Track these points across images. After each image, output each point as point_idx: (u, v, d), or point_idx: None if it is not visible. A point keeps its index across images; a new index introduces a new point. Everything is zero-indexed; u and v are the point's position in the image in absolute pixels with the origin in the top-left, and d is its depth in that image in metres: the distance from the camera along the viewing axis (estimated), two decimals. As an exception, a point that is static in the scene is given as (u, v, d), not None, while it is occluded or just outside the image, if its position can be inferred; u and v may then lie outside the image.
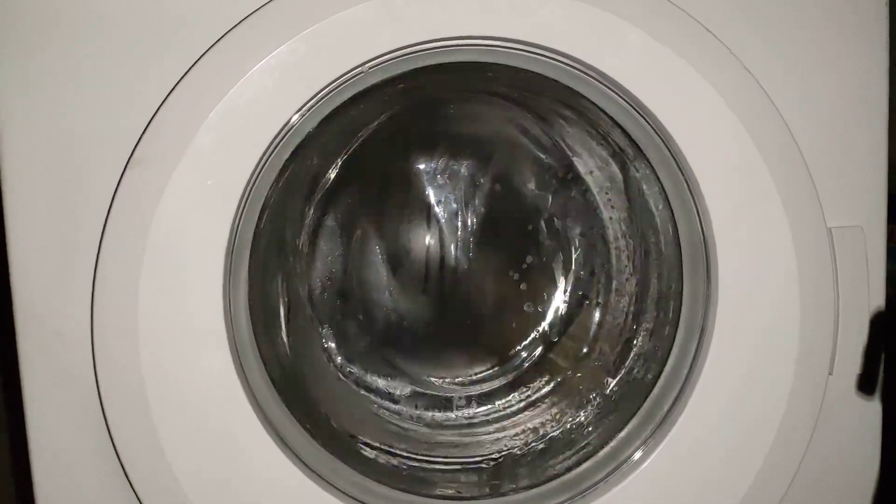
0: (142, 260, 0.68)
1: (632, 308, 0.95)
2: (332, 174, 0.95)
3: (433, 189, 1.01)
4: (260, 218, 0.78)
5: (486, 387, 1.04)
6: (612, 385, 0.94)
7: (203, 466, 0.71)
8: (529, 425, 0.97)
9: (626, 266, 0.98)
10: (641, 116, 0.75)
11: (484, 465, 0.92)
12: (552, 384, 1.01)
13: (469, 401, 1.03)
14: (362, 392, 1.00)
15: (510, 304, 1.05)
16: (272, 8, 0.69)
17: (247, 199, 0.71)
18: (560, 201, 1.01)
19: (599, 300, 1.01)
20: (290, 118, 0.70)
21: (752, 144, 0.73)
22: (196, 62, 0.68)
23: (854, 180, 0.78)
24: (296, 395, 0.85)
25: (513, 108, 0.96)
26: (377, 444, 0.91)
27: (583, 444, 0.88)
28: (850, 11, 0.77)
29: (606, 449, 0.85)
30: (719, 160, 0.74)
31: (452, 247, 1.03)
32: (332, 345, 1.00)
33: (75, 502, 0.75)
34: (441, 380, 1.05)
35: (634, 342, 0.93)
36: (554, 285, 1.04)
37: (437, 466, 0.91)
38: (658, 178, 0.81)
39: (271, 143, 0.69)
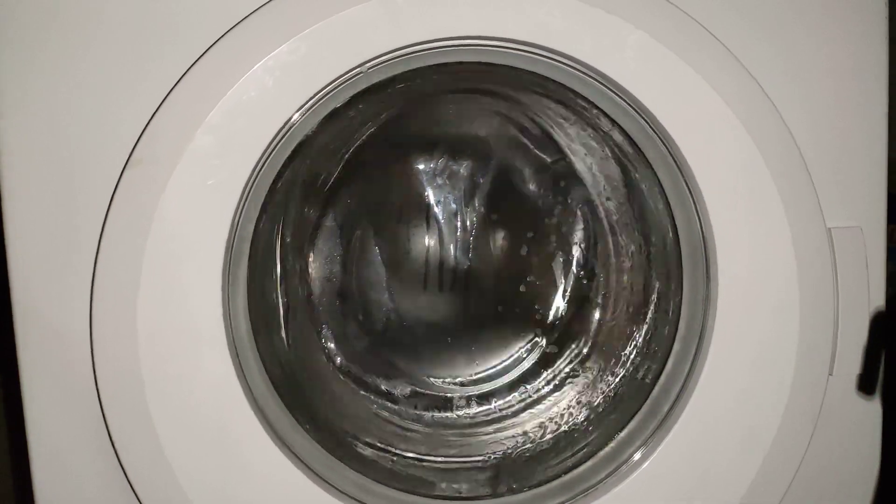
0: (141, 260, 0.68)
1: (632, 308, 0.95)
2: (332, 174, 0.95)
3: (432, 189, 1.01)
4: (259, 218, 0.78)
5: (486, 387, 1.04)
6: (612, 385, 0.94)
7: (202, 466, 0.71)
8: (529, 425, 0.97)
9: (625, 266, 0.98)
10: (641, 117, 0.75)
11: (484, 466, 0.92)
12: (552, 384, 1.01)
13: (469, 401, 1.03)
14: (362, 392, 1.00)
15: (509, 304, 1.05)
16: (272, 7, 0.69)
17: (246, 198, 0.71)
18: (559, 201, 1.01)
19: (599, 300, 1.01)
20: (290, 118, 0.70)
21: (752, 144, 0.73)
22: (196, 62, 0.69)
23: (854, 180, 0.78)
24: (295, 395, 0.85)
25: (512, 109, 0.96)
26: (377, 444, 0.91)
27: (583, 445, 0.88)
28: (850, 11, 0.77)
29: (607, 449, 0.85)
30: (719, 160, 0.74)
31: (452, 247, 1.03)
32: (332, 345, 1.00)
33: (75, 502, 0.75)
34: (441, 380, 1.05)
35: (634, 342, 0.93)
36: (553, 285, 1.04)
37: (437, 466, 0.91)
38: (658, 178, 0.81)
39: (271, 143, 0.69)
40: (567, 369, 1.01)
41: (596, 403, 0.94)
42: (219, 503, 0.72)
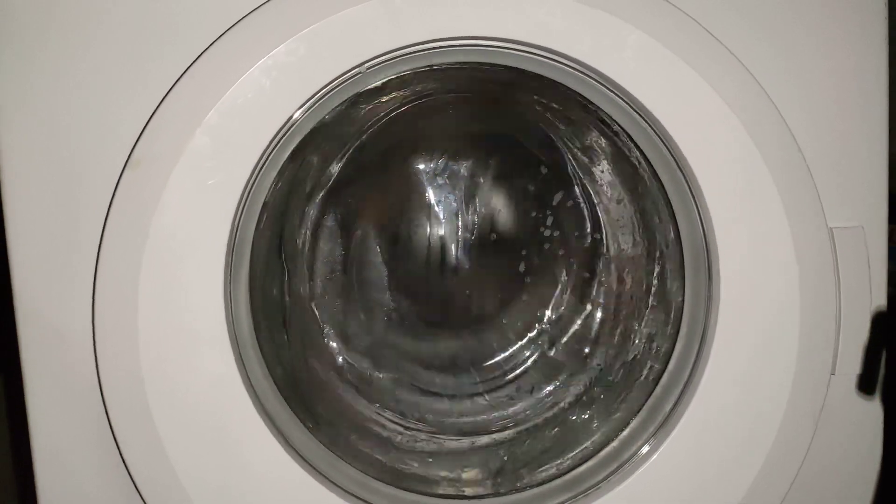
0: (142, 260, 0.68)
1: (633, 308, 0.95)
2: (332, 174, 0.95)
3: (433, 189, 1.01)
4: (260, 218, 0.78)
5: (488, 385, 1.04)
6: (614, 385, 0.94)
7: (205, 464, 0.71)
8: (531, 424, 0.97)
9: (627, 265, 0.98)
10: (641, 117, 0.75)
11: (485, 464, 0.92)
12: (554, 384, 1.01)
13: (471, 399, 1.03)
14: (363, 391, 1.00)
15: (510, 303, 1.05)
16: (271, 7, 0.69)
17: (246, 198, 0.71)
18: (560, 201, 1.01)
19: (601, 300, 1.01)
20: (290, 118, 0.70)
21: (753, 145, 0.73)
22: (194, 62, 0.69)
23: (854, 180, 0.78)
24: (297, 393, 0.85)
25: (512, 108, 0.96)
26: (378, 443, 0.91)
27: (585, 444, 0.88)
28: (850, 11, 0.77)
29: (608, 448, 0.85)
30: (720, 161, 0.74)
31: (453, 246, 1.03)
32: (334, 344, 1.00)
33: (77, 501, 0.75)
34: (442, 378, 1.05)
35: (636, 342, 0.93)
36: (555, 285, 1.04)
37: (438, 465, 0.92)
38: (658, 177, 0.81)
39: (271, 142, 0.69)
40: (568, 368, 1.01)
41: (597, 403, 0.94)
42: (221, 501, 0.73)
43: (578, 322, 1.03)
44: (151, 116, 0.68)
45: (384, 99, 0.86)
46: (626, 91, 0.72)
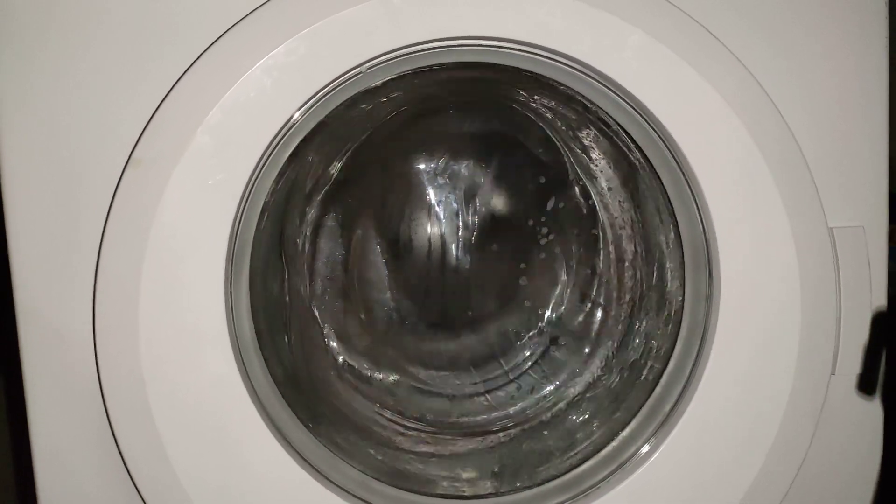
0: (142, 260, 0.68)
1: (633, 307, 0.95)
2: (333, 173, 0.95)
3: (433, 189, 1.01)
4: (261, 217, 0.78)
5: (488, 385, 1.04)
6: (614, 384, 0.94)
7: (205, 465, 0.71)
8: (531, 424, 0.97)
9: (627, 265, 0.98)
10: (642, 117, 0.75)
11: (485, 465, 0.92)
12: (554, 383, 1.01)
13: (471, 398, 1.03)
14: (364, 390, 1.00)
15: (511, 303, 1.05)
16: (271, 7, 0.69)
17: (247, 198, 0.71)
18: (560, 200, 1.01)
19: (601, 299, 1.01)
20: (290, 118, 0.70)
21: (753, 144, 0.73)
22: (195, 61, 0.69)
23: (855, 180, 0.78)
24: (297, 393, 0.85)
25: (513, 108, 0.96)
26: (378, 443, 0.91)
27: (585, 444, 0.88)
28: (850, 11, 0.77)
29: (608, 448, 0.85)
30: (720, 160, 0.74)
31: (453, 246, 1.03)
32: (334, 344, 1.00)
33: (78, 502, 0.75)
34: (442, 378, 1.05)
35: (636, 341, 0.93)
36: (555, 284, 1.04)
37: (438, 465, 0.92)
38: (659, 177, 0.81)
39: (271, 142, 0.70)
40: (569, 368, 1.01)
41: (597, 402, 0.94)
42: (221, 501, 0.73)
43: (579, 321, 1.03)
44: (152, 116, 0.68)
45: (384, 99, 0.86)
46: (626, 91, 0.72)
